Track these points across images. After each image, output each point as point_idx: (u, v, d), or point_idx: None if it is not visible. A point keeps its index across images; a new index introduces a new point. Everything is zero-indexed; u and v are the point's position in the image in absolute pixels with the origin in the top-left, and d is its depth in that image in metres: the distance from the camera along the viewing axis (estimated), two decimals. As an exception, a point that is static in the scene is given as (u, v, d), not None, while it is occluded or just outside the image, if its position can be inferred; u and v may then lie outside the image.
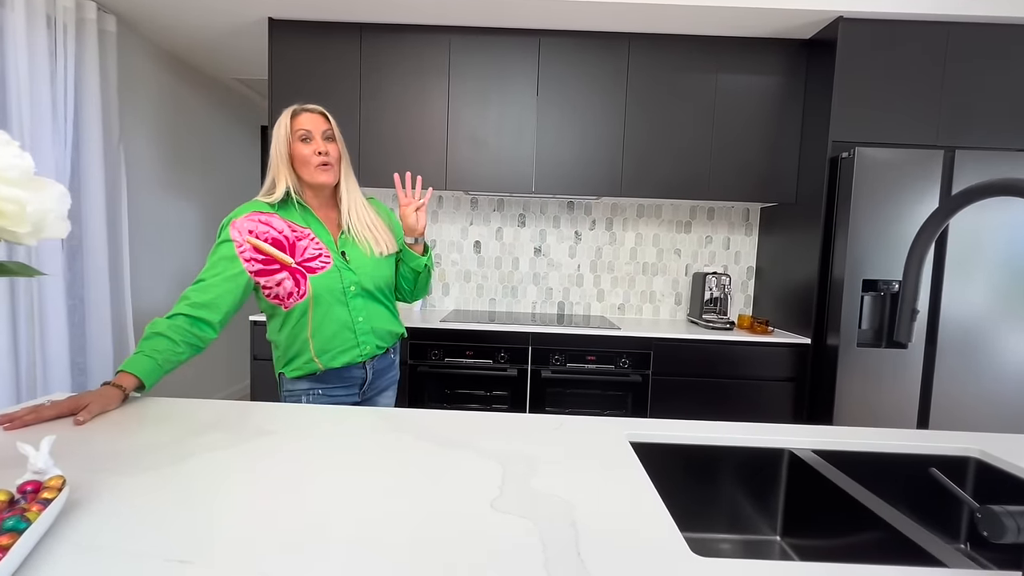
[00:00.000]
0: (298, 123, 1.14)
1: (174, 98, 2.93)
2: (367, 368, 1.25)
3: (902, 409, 2.09)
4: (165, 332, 1.03)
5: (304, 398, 1.21)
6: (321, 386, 1.22)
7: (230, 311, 1.12)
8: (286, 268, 1.13)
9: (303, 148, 1.14)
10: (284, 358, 1.21)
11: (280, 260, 1.12)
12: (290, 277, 1.13)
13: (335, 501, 0.64)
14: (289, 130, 1.14)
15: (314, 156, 1.14)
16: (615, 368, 2.22)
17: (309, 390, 1.21)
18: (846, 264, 2.06)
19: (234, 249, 1.10)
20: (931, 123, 2.15)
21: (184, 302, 1.08)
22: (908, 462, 0.93)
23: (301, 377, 1.20)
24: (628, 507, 0.65)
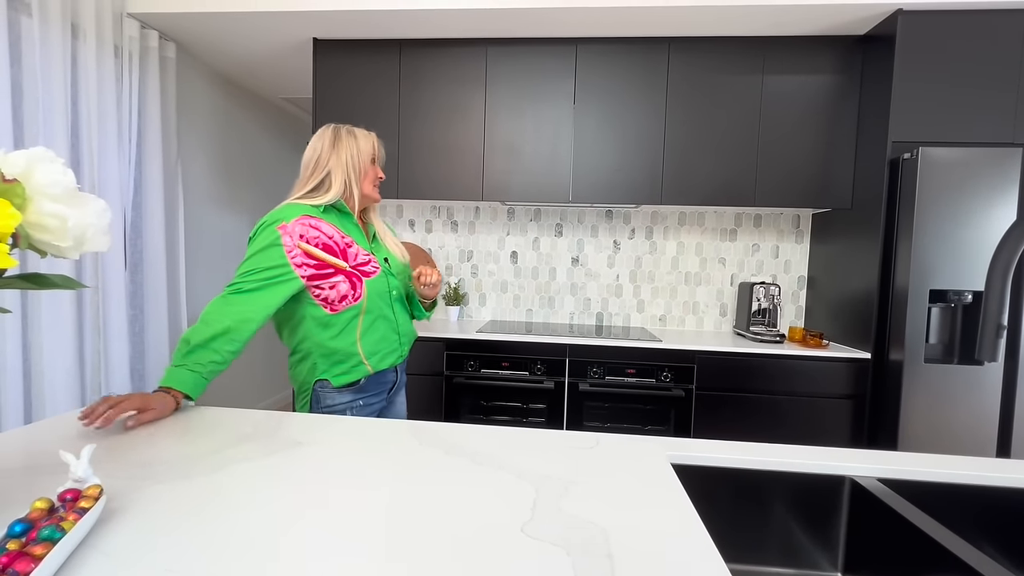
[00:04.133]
0: (378, 149, 1.29)
1: (226, 117, 3.09)
2: (398, 371, 1.31)
3: (978, 432, 1.90)
4: (210, 346, 1.04)
5: (348, 412, 1.21)
6: (361, 396, 1.23)
7: (271, 315, 1.14)
8: (342, 272, 1.16)
9: (374, 168, 1.28)
10: (325, 364, 1.19)
11: (335, 265, 1.16)
12: (346, 280, 1.17)
13: (364, 517, 0.62)
14: (374, 149, 1.27)
15: (377, 177, 1.29)
16: (656, 382, 2.14)
17: (351, 403, 1.21)
18: (910, 273, 1.91)
19: (285, 254, 1.11)
20: (1007, 119, 1.97)
21: (230, 313, 1.07)
22: (992, 496, 0.83)
23: (344, 388, 1.20)
24: (669, 537, 0.60)
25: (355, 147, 1.23)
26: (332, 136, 1.23)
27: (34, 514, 0.52)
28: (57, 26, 1.89)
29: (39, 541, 0.48)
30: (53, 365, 1.91)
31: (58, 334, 1.91)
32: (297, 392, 1.24)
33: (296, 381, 1.24)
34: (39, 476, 0.70)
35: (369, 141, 1.26)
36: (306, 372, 1.21)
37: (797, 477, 0.87)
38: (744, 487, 0.88)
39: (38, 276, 0.53)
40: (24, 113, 1.83)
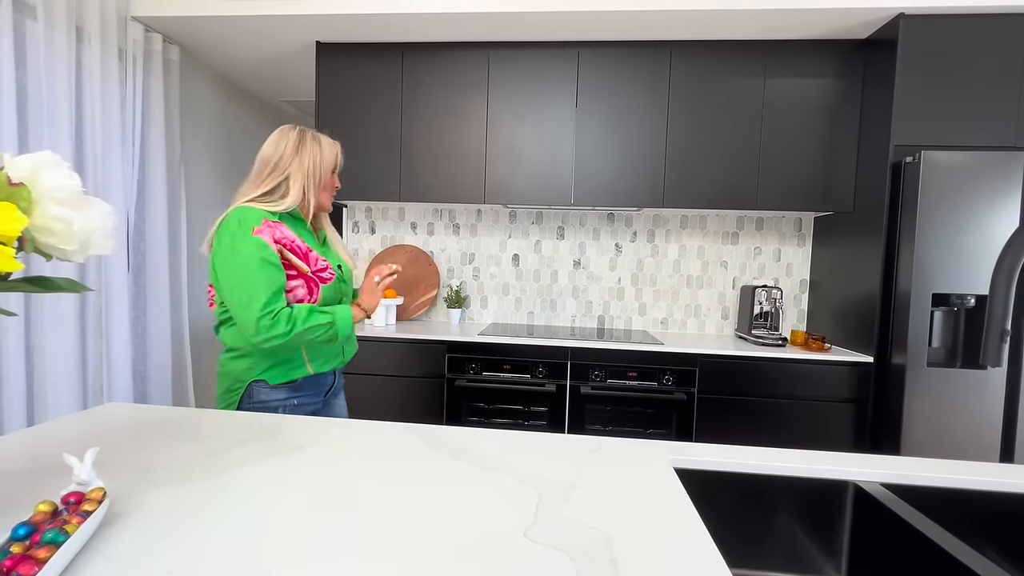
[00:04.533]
0: (339, 159, 1.29)
1: (229, 120, 3.10)
2: (336, 374, 1.32)
3: (981, 436, 1.89)
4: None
5: (281, 409, 1.21)
6: (296, 395, 1.23)
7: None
8: (303, 276, 1.19)
9: (333, 178, 1.29)
10: (264, 364, 1.19)
11: (299, 268, 1.18)
12: (304, 285, 1.19)
13: (368, 520, 0.62)
14: (336, 159, 1.27)
15: (334, 187, 1.31)
16: (658, 385, 2.14)
17: (286, 400, 1.21)
18: (912, 277, 1.90)
19: (272, 249, 1.13)
20: (1009, 123, 1.97)
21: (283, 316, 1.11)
22: (997, 501, 0.82)
23: (280, 386, 1.20)
24: (673, 543, 0.60)
25: (319, 155, 1.22)
26: (297, 140, 1.21)
27: (37, 517, 0.53)
28: (62, 29, 1.90)
29: (43, 544, 0.48)
30: (56, 367, 1.91)
31: (61, 336, 1.92)
32: (226, 389, 1.21)
33: (227, 378, 1.21)
34: (42, 479, 0.70)
35: (333, 151, 1.26)
36: (241, 370, 1.19)
37: (800, 482, 0.87)
38: (747, 491, 0.88)
39: (43, 279, 0.53)
40: (29, 116, 1.83)
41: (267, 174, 1.20)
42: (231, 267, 1.11)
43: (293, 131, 1.23)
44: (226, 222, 1.14)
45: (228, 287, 1.12)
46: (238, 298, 1.10)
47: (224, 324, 1.22)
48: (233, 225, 1.13)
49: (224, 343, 1.23)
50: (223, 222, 1.15)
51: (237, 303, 1.10)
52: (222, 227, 1.14)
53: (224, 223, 1.15)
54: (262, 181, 1.20)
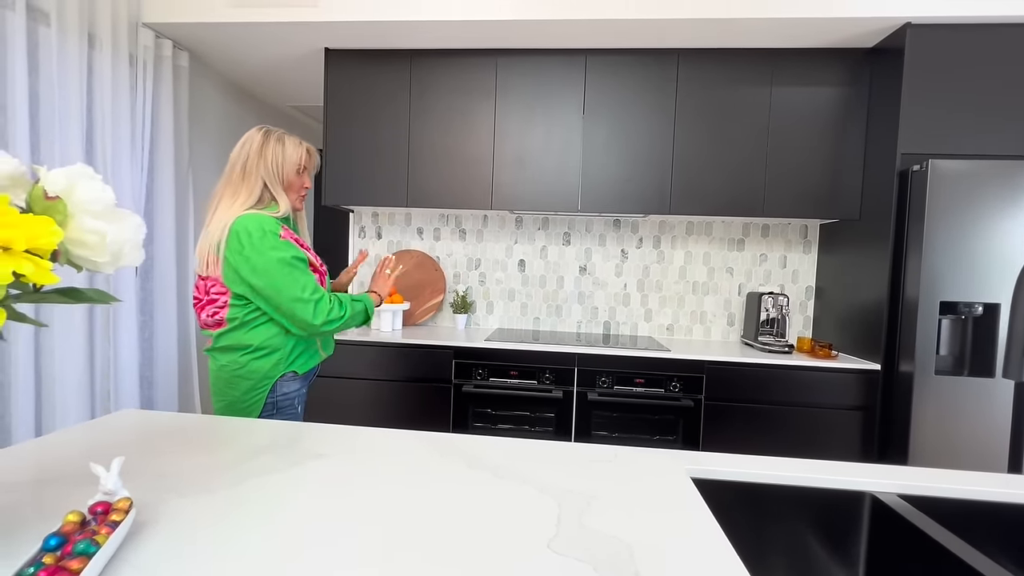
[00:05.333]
0: (308, 159, 1.34)
1: (237, 125, 3.11)
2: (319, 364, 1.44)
3: (989, 445, 1.89)
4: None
5: (297, 400, 1.33)
6: (305, 384, 1.37)
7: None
8: (316, 271, 1.31)
9: (300, 179, 1.33)
10: (293, 355, 1.30)
11: (312, 263, 1.30)
12: (319, 279, 1.31)
13: (389, 531, 0.62)
14: (302, 162, 1.32)
15: (304, 188, 1.35)
16: (665, 392, 2.14)
17: (299, 390, 1.34)
18: (920, 284, 1.91)
19: (301, 250, 1.25)
20: (1017, 132, 1.98)
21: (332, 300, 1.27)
22: (1012, 512, 0.82)
23: (300, 376, 1.33)
24: (696, 556, 0.60)
25: (281, 155, 1.27)
26: (261, 141, 1.27)
27: (67, 527, 0.53)
28: (74, 35, 1.91)
29: (75, 555, 0.48)
30: (64, 372, 1.91)
31: (70, 341, 1.92)
32: (248, 389, 1.25)
33: (250, 378, 1.25)
34: (61, 488, 0.70)
35: (298, 151, 1.30)
36: (270, 367, 1.27)
37: (816, 492, 0.87)
38: (761, 501, 0.88)
39: (73, 290, 0.54)
40: (41, 120, 1.84)
41: (239, 178, 1.25)
42: (277, 268, 1.19)
43: (258, 132, 1.29)
44: (243, 232, 1.18)
45: (276, 286, 1.19)
46: (289, 293, 1.20)
47: (245, 326, 1.25)
48: (256, 232, 1.19)
49: (246, 344, 1.25)
50: (234, 233, 1.19)
51: (289, 297, 1.20)
52: (238, 238, 1.18)
53: (237, 232, 1.19)
54: (238, 187, 1.25)
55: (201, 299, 1.26)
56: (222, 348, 1.27)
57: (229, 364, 1.25)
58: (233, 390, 1.25)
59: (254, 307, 1.24)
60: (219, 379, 1.27)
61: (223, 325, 1.25)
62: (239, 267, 1.19)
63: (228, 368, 1.25)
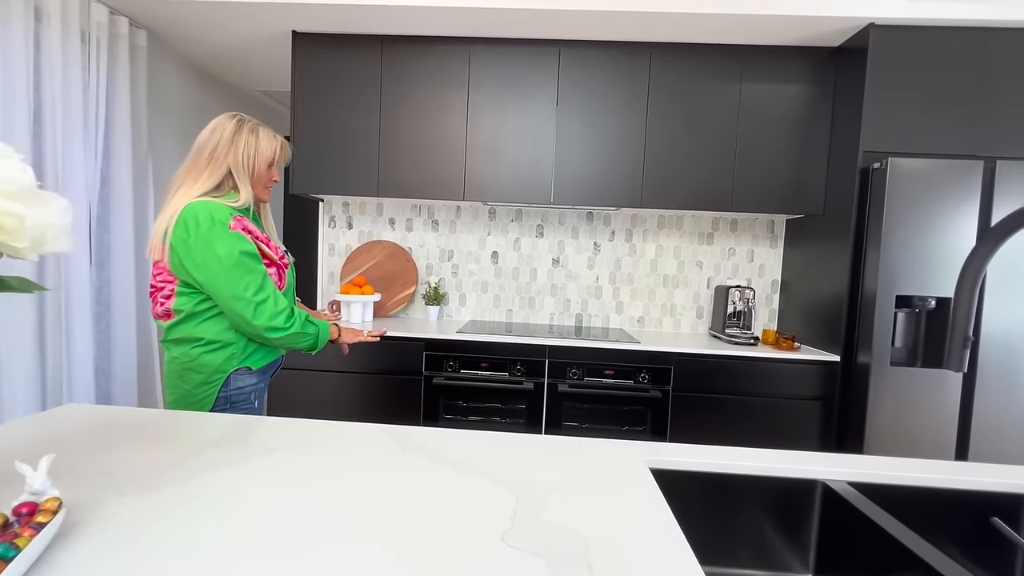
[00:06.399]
0: (281, 154, 1.30)
1: (201, 109, 2.99)
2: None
3: (939, 434, 1.98)
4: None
5: (254, 395, 1.28)
6: (263, 379, 1.31)
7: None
8: (273, 264, 1.26)
9: (270, 172, 1.30)
10: (248, 351, 1.26)
11: (270, 257, 1.25)
12: (276, 272, 1.27)
13: (341, 526, 0.61)
14: (275, 155, 1.28)
15: (272, 181, 1.31)
16: (634, 383, 2.16)
17: (257, 384, 1.29)
18: (878, 279, 1.97)
19: (252, 243, 1.19)
20: (970, 132, 2.05)
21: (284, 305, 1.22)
22: (957, 499, 0.86)
23: (257, 371, 1.28)
24: (649, 547, 0.61)
25: (254, 147, 1.24)
26: (233, 130, 1.23)
27: (-13, 530, 0.50)
28: (19, 7, 1.80)
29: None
30: (10, 364, 1.82)
31: (16, 331, 1.83)
32: (200, 383, 1.21)
33: (201, 372, 1.21)
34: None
35: (272, 144, 1.27)
36: (222, 361, 1.22)
37: (771, 481, 0.89)
38: (719, 490, 0.90)
39: (-7, 278, 0.50)
40: (-19, 99, 1.74)
41: (204, 164, 1.21)
42: (219, 262, 1.14)
43: (231, 120, 1.24)
44: (190, 220, 1.14)
45: (217, 282, 1.15)
46: (230, 290, 1.15)
47: (195, 318, 1.20)
48: (204, 221, 1.14)
49: (198, 337, 1.21)
50: (182, 220, 1.14)
51: (229, 295, 1.15)
52: (185, 225, 1.14)
53: (185, 221, 1.14)
54: (201, 172, 1.20)
55: (152, 287, 1.22)
56: (174, 340, 1.22)
57: (180, 356, 1.21)
58: (184, 383, 1.21)
59: (204, 298, 1.19)
60: (171, 372, 1.23)
61: (172, 316, 1.20)
62: (183, 257, 1.15)
63: (179, 361, 1.21)
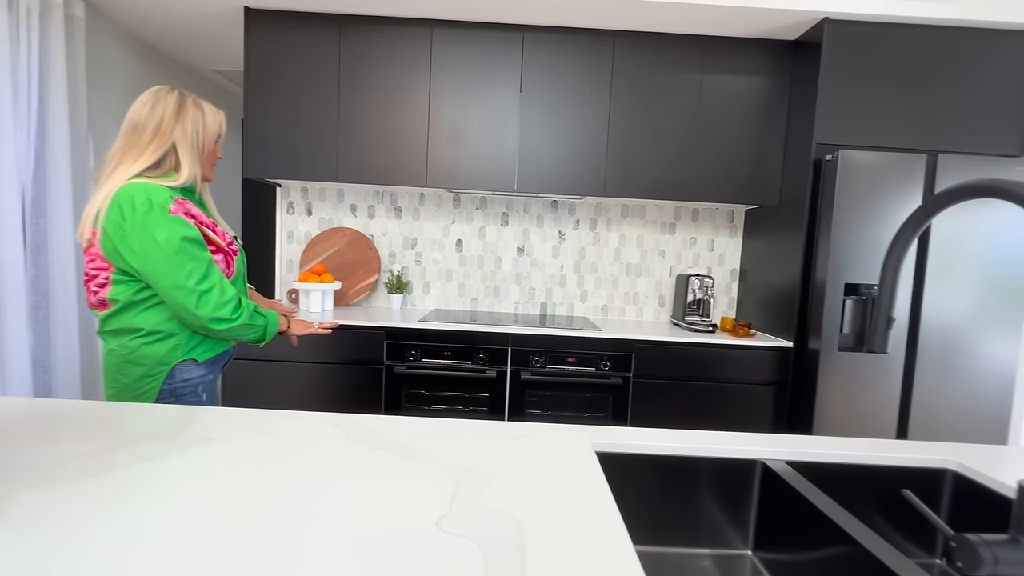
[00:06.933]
0: (223, 128, 1.25)
1: (146, 88, 2.84)
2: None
3: (882, 415, 2.07)
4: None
5: (201, 387, 1.21)
6: (211, 371, 1.24)
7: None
8: (221, 250, 1.19)
9: (216, 148, 1.25)
10: (193, 342, 1.19)
11: (216, 243, 1.18)
12: (224, 259, 1.20)
13: (269, 518, 0.59)
14: (221, 129, 1.24)
15: (216, 157, 1.26)
16: (596, 370, 2.19)
17: (205, 377, 1.22)
18: (828, 267, 2.04)
19: (194, 227, 1.12)
20: (915, 126, 2.14)
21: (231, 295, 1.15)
22: (884, 475, 0.90)
23: (204, 363, 1.21)
24: (584, 526, 0.61)
25: (201, 122, 1.18)
26: (177, 104, 1.15)
27: None
28: (-66, -29, 1.65)
29: None
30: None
31: (-60, 322, 1.71)
32: (141, 375, 1.14)
33: (142, 364, 1.14)
34: None
35: (217, 119, 1.22)
36: (164, 352, 1.15)
37: (714, 462, 0.91)
38: (667, 472, 0.91)
39: None
40: None
41: (147, 142, 1.12)
42: (158, 249, 1.06)
43: (171, 93, 1.16)
44: (124, 202, 1.06)
45: (157, 269, 1.08)
46: (170, 278, 1.08)
47: (134, 308, 1.13)
48: (141, 205, 1.06)
49: (137, 328, 1.14)
50: (116, 203, 1.06)
51: (169, 283, 1.08)
52: (119, 208, 1.06)
53: (119, 203, 1.06)
54: (142, 151, 1.11)
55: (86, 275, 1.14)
56: (111, 331, 1.15)
57: (118, 349, 1.14)
58: (124, 377, 1.14)
59: (144, 286, 1.12)
60: (109, 365, 1.16)
61: (108, 306, 1.13)
62: (118, 243, 1.07)
63: (117, 353, 1.14)
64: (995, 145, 2.15)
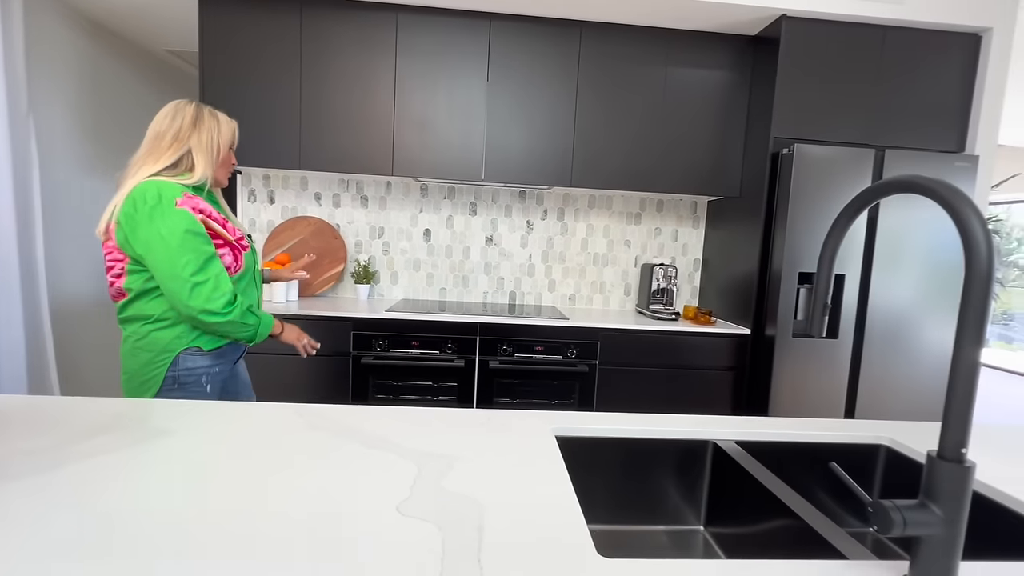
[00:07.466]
0: (236, 136, 1.33)
1: (95, 68, 2.69)
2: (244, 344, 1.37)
3: (832, 397, 2.19)
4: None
5: (206, 378, 1.25)
6: (218, 363, 1.28)
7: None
8: (228, 244, 1.25)
9: (230, 154, 1.33)
10: (194, 331, 1.23)
11: (224, 237, 1.24)
12: (230, 252, 1.26)
13: (227, 510, 0.59)
14: (233, 136, 1.32)
15: (230, 163, 1.34)
16: (563, 358, 2.23)
17: (210, 368, 1.26)
18: (784, 257, 2.13)
19: (197, 221, 1.17)
20: (864, 122, 2.24)
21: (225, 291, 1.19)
22: (825, 451, 0.96)
23: (208, 353, 1.25)
24: (541, 508, 0.64)
25: (216, 130, 1.26)
26: (194, 114, 1.24)
27: None
28: None
29: None
30: None
31: None
32: (147, 361, 1.20)
33: (150, 350, 1.20)
34: None
35: (230, 127, 1.31)
36: (171, 339, 1.21)
37: (670, 443, 0.96)
38: (625, 454, 0.95)
39: None
40: None
41: (166, 147, 1.20)
42: (161, 239, 1.13)
43: (190, 105, 1.25)
44: (138, 197, 1.13)
45: (158, 259, 1.14)
46: (166, 268, 1.13)
47: (146, 296, 1.20)
48: (151, 199, 1.14)
49: (148, 315, 1.21)
50: (131, 198, 1.14)
51: (165, 273, 1.14)
52: (133, 202, 1.13)
53: (133, 198, 1.14)
54: (161, 155, 1.20)
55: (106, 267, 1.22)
56: (126, 319, 1.23)
57: (132, 335, 1.22)
58: (134, 362, 1.21)
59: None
60: (124, 351, 1.23)
61: (124, 295, 1.20)
62: (128, 234, 1.14)
63: (131, 340, 1.22)
64: (938, 141, 2.28)
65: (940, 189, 0.48)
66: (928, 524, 0.46)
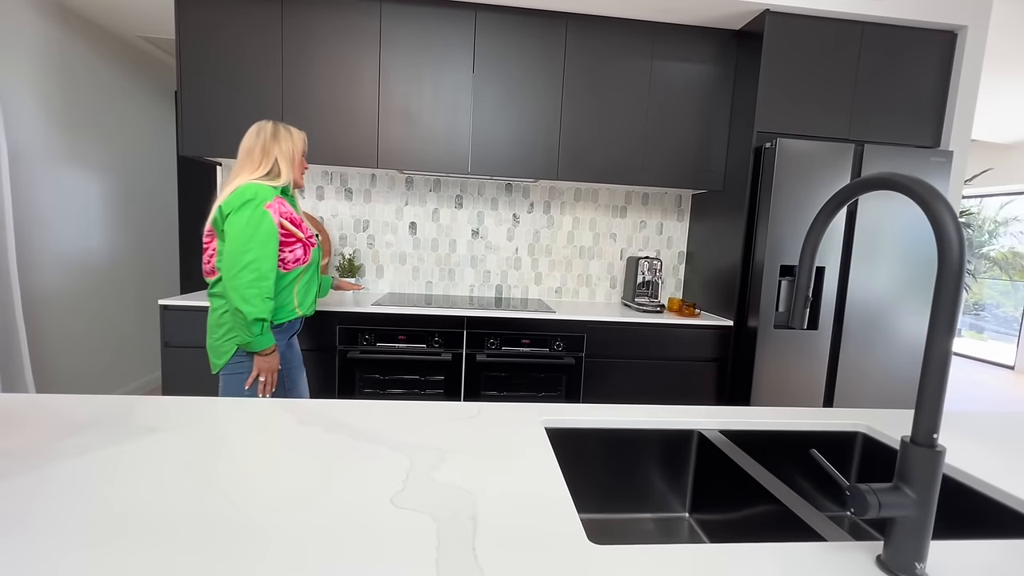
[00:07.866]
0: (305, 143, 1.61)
1: (65, 55, 2.61)
2: (301, 320, 1.63)
3: (812, 387, 2.25)
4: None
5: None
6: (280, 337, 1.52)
7: None
8: (300, 241, 1.50)
9: (303, 159, 1.59)
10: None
11: (297, 236, 1.49)
12: (302, 247, 1.51)
13: (219, 506, 0.59)
14: (304, 144, 1.59)
15: (303, 167, 1.60)
16: (549, 351, 2.24)
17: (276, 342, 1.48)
18: (766, 250, 2.17)
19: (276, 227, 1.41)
20: (844, 117, 2.28)
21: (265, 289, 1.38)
22: (805, 439, 0.99)
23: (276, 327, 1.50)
24: (532, 497, 0.65)
25: (291, 141, 1.53)
26: (273, 130, 1.52)
27: None
28: None
29: None
30: None
31: None
32: (224, 333, 1.45)
33: (225, 324, 1.44)
34: None
35: (301, 136, 1.58)
36: None
37: (656, 433, 0.98)
38: (613, 445, 0.97)
39: None
40: None
41: (260, 158, 1.47)
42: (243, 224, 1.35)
43: (267, 124, 1.52)
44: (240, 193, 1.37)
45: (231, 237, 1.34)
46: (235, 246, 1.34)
47: None
48: (249, 194, 1.37)
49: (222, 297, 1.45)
50: (238, 191, 1.37)
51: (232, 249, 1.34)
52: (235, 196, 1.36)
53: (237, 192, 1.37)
54: (256, 164, 1.46)
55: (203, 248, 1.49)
56: (214, 294, 1.47)
57: (217, 309, 1.46)
58: (214, 333, 1.47)
59: None
60: (209, 323, 1.48)
61: (216, 273, 1.44)
62: (223, 221, 1.37)
63: (215, 313, 1.46)
64: (915, 136, 2.33)
65: (915, 186, 0.50)
66: (902, 506, 0.48)
